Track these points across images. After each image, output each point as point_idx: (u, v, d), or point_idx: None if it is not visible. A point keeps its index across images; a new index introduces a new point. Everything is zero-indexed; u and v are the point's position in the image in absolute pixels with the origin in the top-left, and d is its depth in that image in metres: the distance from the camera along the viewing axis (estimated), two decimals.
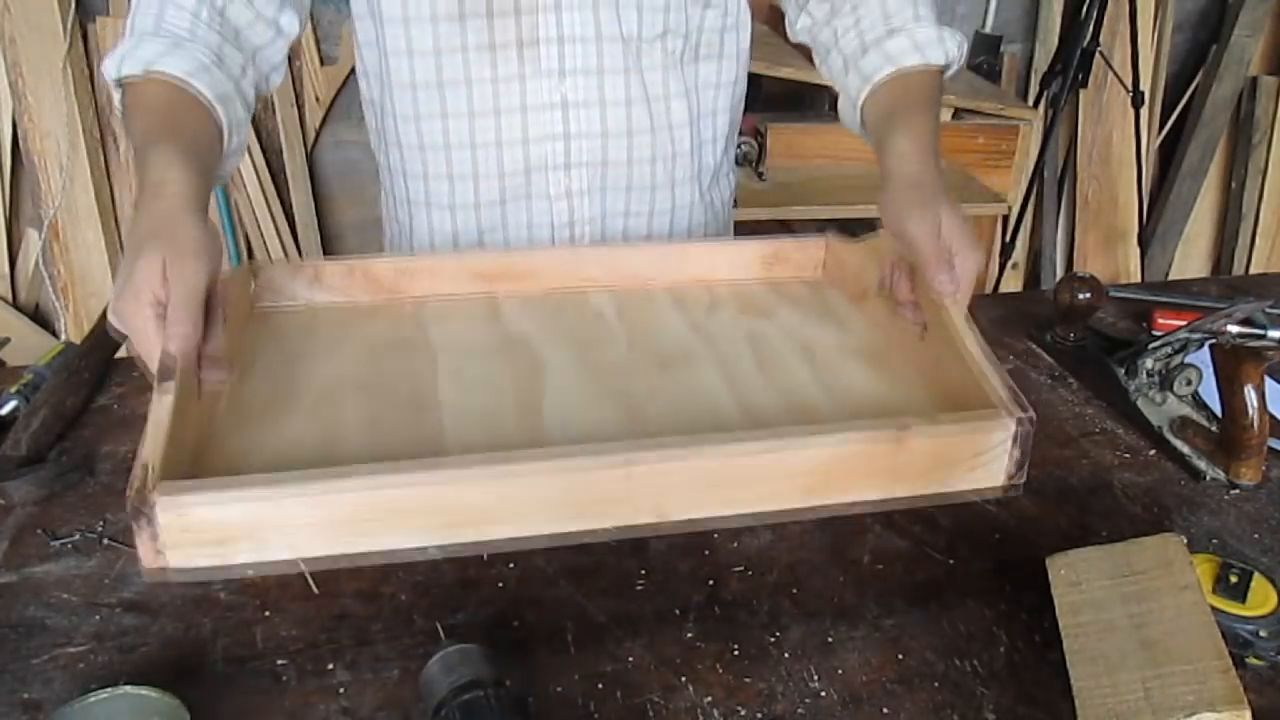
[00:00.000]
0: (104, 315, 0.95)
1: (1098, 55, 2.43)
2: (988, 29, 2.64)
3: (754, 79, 1.13)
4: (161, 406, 0.63)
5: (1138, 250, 2.78)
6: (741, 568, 0.69)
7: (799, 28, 1.04)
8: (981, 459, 0.68)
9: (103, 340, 0.93)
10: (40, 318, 2.32)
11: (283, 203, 2.37)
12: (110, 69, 0.82)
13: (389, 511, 0.60)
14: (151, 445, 0.61)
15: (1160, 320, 1.06)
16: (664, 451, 0.63)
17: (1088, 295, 0.96)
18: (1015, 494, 0.71)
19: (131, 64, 0.81)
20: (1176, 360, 0.86)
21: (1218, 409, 0.81)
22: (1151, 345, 0.86)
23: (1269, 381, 0.81)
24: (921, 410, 0.75)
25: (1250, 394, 0.77)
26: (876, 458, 0.66)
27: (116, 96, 0.85)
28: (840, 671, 0.62)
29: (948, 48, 0.92)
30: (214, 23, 0.86)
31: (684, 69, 1.02)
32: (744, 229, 1.25)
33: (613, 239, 1.05)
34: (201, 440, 0.71)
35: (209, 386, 0.70)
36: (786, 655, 0.63)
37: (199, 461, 0.69)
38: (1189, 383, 0.85)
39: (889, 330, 0.86)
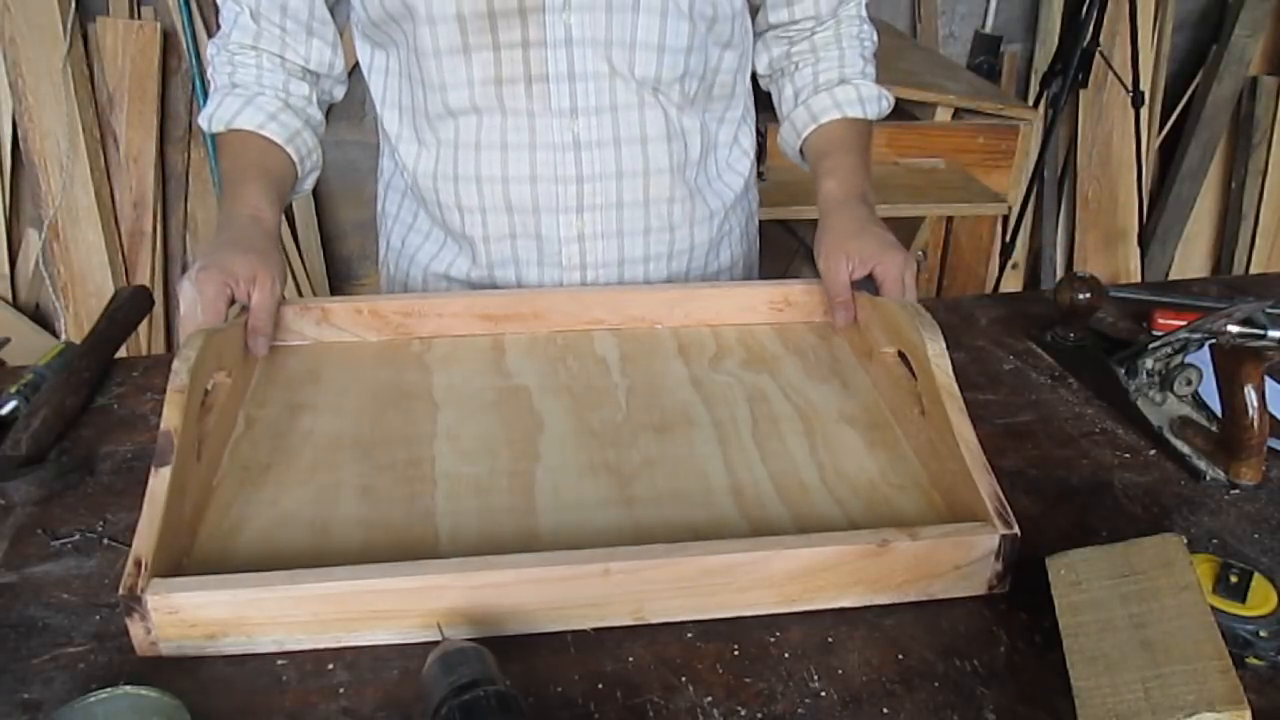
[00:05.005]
0: (103, 315, 0.95)
1: (1098, 55, 2.43)
2: (988, 29, 2.64)
3: (755, 79, 1.13)
4: (158, 483, 0.65)
5: (1138, 250, 2.79)
6: None
7: (760, 62, 1.10)
8: (963, 570, 0.67)
9: (103, 340, 0.93)
10: (40, 318, 2.31)
11: None
12: (203, 125, 0.99)
13: (371, 612, 0.62)
14: (144, 536, 0.63)
15: (1160, 320, 1.06)
16: (641, 561, 0.64)
17: (1088, 295, 0.96)
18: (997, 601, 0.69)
19: (217, 123, 0.98)
20: (1176, 360, 0.86)
21: (1218, 409, 0.81)
22: (1151, 345, 0.86)
23: (1269, 381, 0.81)
24: (911, 499, 0.75)
25: (1250, 394, 0.77)
26: (857, 567, 0.66)
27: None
28: (840, 671, 0.62)
29: (881, 106, 1.07)
30: (276, 68, 0.98)
31: (696, 105, 1.01)
32: None
33: (632, 283, 1.04)
34: (202, 502, 0.72)
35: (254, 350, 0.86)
36: (786, 655, 0.63)
37: (195, 530, 0.70)
38: (1189, 383, 0.85)
39: (891, 395, 0.85)
